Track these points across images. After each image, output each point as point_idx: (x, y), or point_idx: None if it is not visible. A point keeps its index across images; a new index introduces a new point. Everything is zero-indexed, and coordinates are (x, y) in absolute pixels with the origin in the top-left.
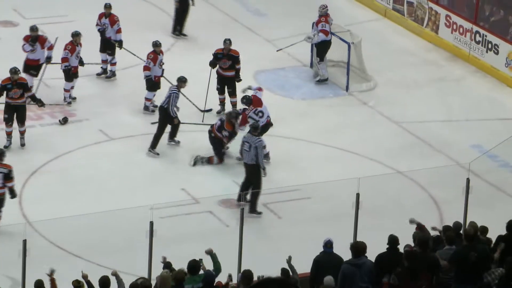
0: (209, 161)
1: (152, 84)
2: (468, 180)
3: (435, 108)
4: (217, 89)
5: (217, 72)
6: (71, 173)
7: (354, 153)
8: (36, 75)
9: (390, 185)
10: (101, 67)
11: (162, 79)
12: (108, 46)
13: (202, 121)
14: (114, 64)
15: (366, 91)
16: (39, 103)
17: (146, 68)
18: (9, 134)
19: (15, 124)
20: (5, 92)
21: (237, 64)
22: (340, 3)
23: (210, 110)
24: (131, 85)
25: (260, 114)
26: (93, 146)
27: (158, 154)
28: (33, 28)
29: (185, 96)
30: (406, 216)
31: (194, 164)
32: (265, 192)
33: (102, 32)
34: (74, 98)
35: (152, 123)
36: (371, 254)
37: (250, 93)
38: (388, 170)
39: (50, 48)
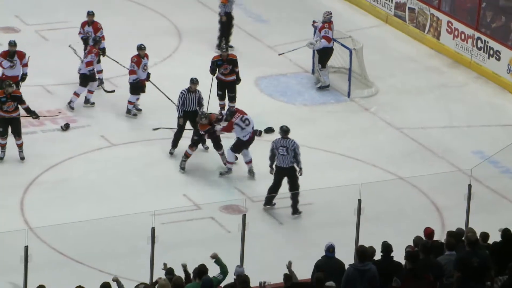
0: (186, 156)
1: (136, 88)
2: (469, 186)
3: (436, 114)
4: (218, 95)
5: (218, 78)
6: (73, 179)
7: (355, 159)
8: None
9: (392, 191)
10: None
11: (148, 83)
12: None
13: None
14: (100, 71)
15: (367, 97)
16: (33, 115)
17: (132, 72)
18: (3, 146)
19: (11, 137)
20: None
21: (236, 67)
22: (342, 9)
23: None
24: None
25: (246, 122)
26: (95, 152)
27: (171, 154)
28: (11, 43)
29: (170, 100)
30: (408, 222)
31: (183, 169)
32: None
33: (85, 40)
34: (93, 103)
35: (154, 129)
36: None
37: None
38: (390, 176)
39: (26, 65)
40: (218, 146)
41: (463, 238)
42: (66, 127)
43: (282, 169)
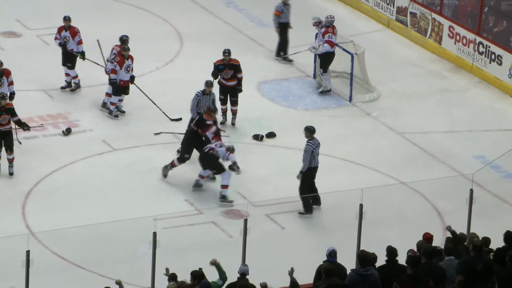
0: (171, 165)
1: (117, 89)
2: (471, 191)
3: (438, 119)
4: (220, 99)
5: (220, 82)
6: (75, 184)
7: (357, 163)
8: None
9: (394, 196)
10: (65, 81)
11: (134, 86)
12: (69, 59)
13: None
14: (76, 77)
15: (369, 101)
16: (25, 126)
17: (112, 71)
18: None
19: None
20: None
21: (239, 73)
22: (343, 13)
23: (180, 119)
24: (135, 96)
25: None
26: (96, 157)
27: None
28: None
29: (155, 104)
30: (409, 226)
31: (165, 176)
32: (268, 203)
33: (63, 45)
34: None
35: (155, 134)
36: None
37: None
38: (392, 180)
39: (11, 83)
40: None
41: (466, 243)
42: (67, 131)
43: (315, 169)
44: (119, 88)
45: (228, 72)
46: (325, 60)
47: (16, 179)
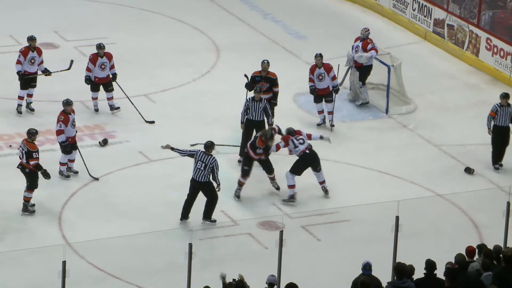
0: (239, 185)
1: (92, 85)
2: (508, 204)
3: (475, 131)
4: None
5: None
6: (111, 195)
7: (393, 175)
8: None
9: (430, 208)
10: (19, 104)
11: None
12: (34, 79)
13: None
14: (31, 95)
15: (406, 114)
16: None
17: (86, 69)
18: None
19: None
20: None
21: (275, 87)
22: (380, 26)
23: (153, 122)
24: (171, 107)
25: (301, 140)
26: (133, 168)
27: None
28: None
29: (133, 104)
30: (446, 239)
31: (238, 197)
32: (304, 214)
33: (24, 73)
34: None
35: (192, 145)
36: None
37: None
38: (428, 193)
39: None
40: (269, 170)
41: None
42: (104, 142)
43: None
44: (94, 84)
45: (264, 84)
46: (364, 72)
47: (53, 189)
